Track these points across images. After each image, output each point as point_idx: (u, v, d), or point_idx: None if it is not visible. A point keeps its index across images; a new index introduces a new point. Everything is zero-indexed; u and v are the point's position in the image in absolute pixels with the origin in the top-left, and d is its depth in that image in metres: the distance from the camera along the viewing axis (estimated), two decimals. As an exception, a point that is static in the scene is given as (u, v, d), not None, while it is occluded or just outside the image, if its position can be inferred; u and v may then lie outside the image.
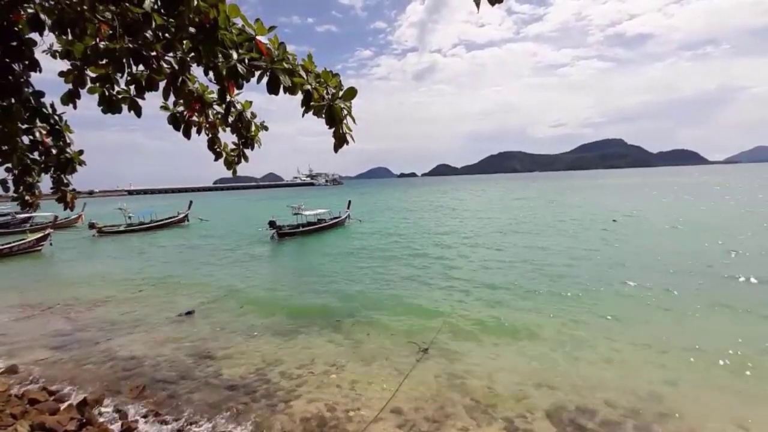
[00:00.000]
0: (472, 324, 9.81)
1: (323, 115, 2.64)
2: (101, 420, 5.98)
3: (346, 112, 2.64)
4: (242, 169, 3.76)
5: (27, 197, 3.66)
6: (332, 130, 2.66)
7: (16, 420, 5.56)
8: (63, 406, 6.34)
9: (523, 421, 5.91)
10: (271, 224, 25.97)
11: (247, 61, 2.50)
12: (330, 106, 2.56)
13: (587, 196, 54.11)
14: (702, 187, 61.58)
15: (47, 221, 32.17)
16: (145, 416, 6.23)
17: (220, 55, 2.44)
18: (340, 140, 2.69)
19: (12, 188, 3.60)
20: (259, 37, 2.51)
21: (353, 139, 2.74)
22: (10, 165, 3.40)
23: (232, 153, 3.27)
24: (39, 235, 25.39)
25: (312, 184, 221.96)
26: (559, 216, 31.09)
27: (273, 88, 2.53)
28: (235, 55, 2.43)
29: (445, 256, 18.14)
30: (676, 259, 15.32)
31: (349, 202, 35.71)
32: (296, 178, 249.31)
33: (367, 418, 6.03)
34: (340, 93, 2.63)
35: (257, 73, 2.55)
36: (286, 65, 2.53)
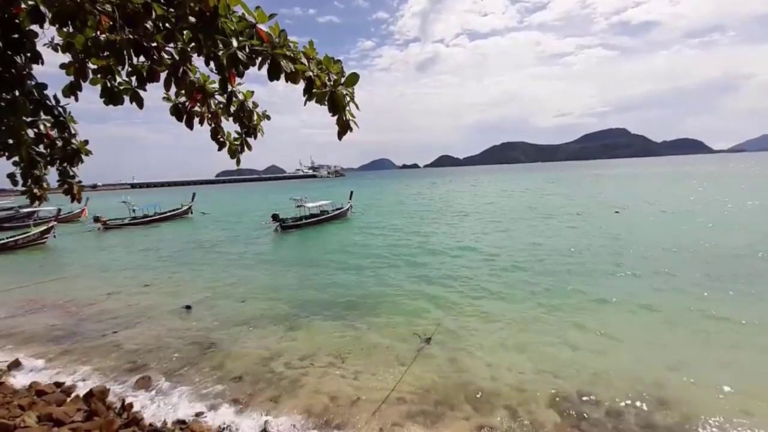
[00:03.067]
0: (474, 315, 9.84)
1: (326, 103, 2.63)
2: (107, 411, 6.07)
3: (348, 98, 2.63)
4: (244, 161, 3.76)
5: (35, 190, 3.68)
6: (335, 117, 2.66)
7: (24, 411, 5.65)
8: (70, 398, 6.43)
9: (525, 410, 5.96)
10: (274, 217, 26.24)
11: (247, 48, 2.48)
12: (332, 93, 2.55)
13: (590, 186, 53.85)
14: (706, 176, 61.09)
15: (51, 215, 32.41)
16: (151, 407, 6.32)
17: (220, 44, 2.43)
18: (344, 127, 2.68)
19: (20, 182, 3.62)
20: (259, 25, 2.50)
21: (357, 126, 2.73)
22: (17, 159, 3.42)
23: (235, 142, 3.27)
24: (43, 228, 25.62)
25: (314, 176, 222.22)
26: (560, 208, 31.01)
27: (274, 74, 2.51)
28: (235, 43, 2.42)
29: (446, 249, 18.15)
30: (678, 249, 15.29)
31: (351, 192, 35.70)
32: (298, 170, 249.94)
33: (371, 408, 6.09)
34: (342, 79, 2.62)
35: (258, 60, 2.54)
36: (287, 52, 2.51)
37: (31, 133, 3.34)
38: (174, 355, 8.34)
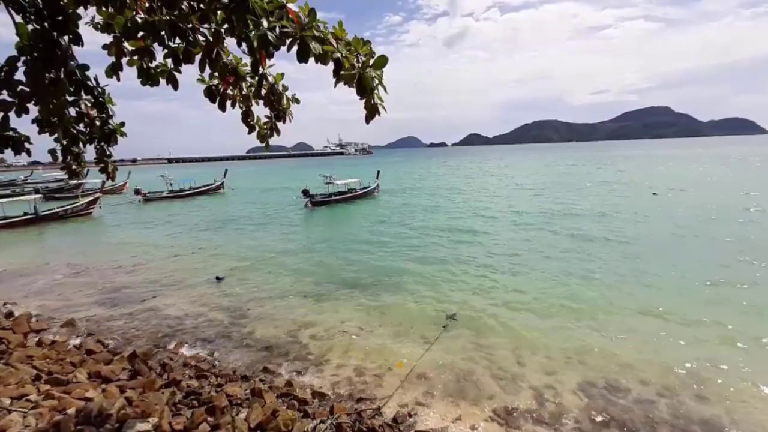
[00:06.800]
0: (501, 297, 9.78)
1: (354, 85, 2.60)
2: (149, 371, 6.51)
3: (376, 81, 2.58)
4: (273, 138, 3.85)
5: (74, 166, 3.89)
6: (363, 100, 2.62)
7: (75, 368, 6.17)
8: (116, 357, 6.93)
9: (551, 393, 5.95)
10: (305, 193, 26.87)
11: (277, 29, 2.48)
12: (360, 75, 2.50)
13: (626, 167, 51.32)
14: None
15: (96, 187, 34.28)
16: (188, 371, 6.73)
17: (251, 24, 2.44)
18: (372, 111, 2.64)
19: (60, 157, 3.83)
20: (289, 5, 2.47)
21: (385, 110, 2.69)
22: (58, 135, 3.61)
23: (264, 126, 3.32)
24: (89, 199, 27.22)
25: (342, 154, 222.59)
26: (595, 189, 29.83)
27: (303, 56, 2.49)
28: (265, 23, 2.42)
29: (475, 229, 17.94)
30: (718, 236, 14.47)
31: (378, 172, 35.63)
32: (326, 147, 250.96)
33: (394, 383, 6.25)
34: (371, 61, 2.56)
35: (287, 42, 2.53)
36: (316, 33, 2.48)
37: (72, 111, 3.50)
38: (207, 322, 8.79)
